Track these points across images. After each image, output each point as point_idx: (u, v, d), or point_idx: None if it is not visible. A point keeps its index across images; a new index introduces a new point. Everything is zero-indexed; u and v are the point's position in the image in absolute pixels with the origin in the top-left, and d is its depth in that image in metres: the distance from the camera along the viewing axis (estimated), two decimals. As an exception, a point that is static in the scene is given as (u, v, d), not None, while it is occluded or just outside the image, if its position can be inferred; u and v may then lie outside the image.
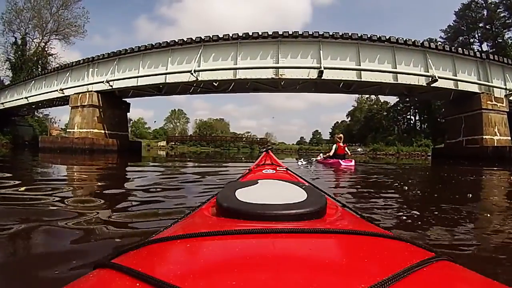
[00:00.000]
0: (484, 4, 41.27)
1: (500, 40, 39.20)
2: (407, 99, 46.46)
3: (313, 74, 13.70)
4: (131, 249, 0.49)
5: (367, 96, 53.69)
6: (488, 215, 2.23)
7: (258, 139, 61.89)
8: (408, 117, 48.08)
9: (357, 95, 58.97)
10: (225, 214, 0.64)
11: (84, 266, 1.08)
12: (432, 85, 15.16)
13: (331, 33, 14.27)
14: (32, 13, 35.32)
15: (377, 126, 47.36)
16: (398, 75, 14.72)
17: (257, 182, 0.91)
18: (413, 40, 15.33)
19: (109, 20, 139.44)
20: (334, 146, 8.47)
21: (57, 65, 24.74)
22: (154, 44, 16.01)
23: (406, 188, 3.78)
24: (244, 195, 0.71)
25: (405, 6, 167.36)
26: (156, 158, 13.50)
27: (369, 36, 14.69)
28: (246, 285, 0.34)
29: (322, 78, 13.52)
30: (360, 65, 14.11)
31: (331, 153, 8.49)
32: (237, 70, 13.95)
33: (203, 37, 14.80)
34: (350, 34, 14.45)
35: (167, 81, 15.27)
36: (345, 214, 0.78)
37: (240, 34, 14.33)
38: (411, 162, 16.75)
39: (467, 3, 42.03)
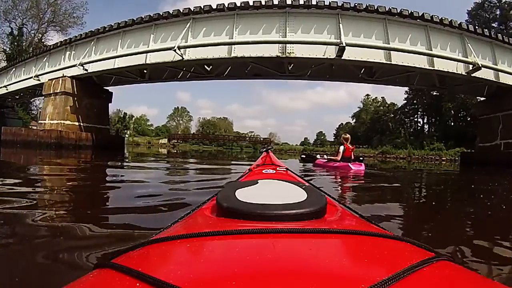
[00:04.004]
0: (497, 4, 38.03)
1: (515, 41, 35.53)
2: (415, 101, 43.05)
3: (331, 53, 10.02)
4: (131, 249, 0.46)
5: (374, 97, 50.28)
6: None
7: (262, 139, 58.34)
8: (416, 119, 44.31)
9: (362, 96, 55.57)
10: (225, 214, 0.61)
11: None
12: (473, 74, 11.62)
13: (352, 5, 10.67)
14: (29, 3, 32.41)
15: (383, 128, 43.57)
16: (434, 59, 11.10)
17: (257, 182, 0.85)
18: (449, 20, 11.72)
19: (113, 17, 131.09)
20: (342, 147, 6.79)
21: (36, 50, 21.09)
22: (135, 19, 12.49)
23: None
24: (244, 195, 0.67)
25: (415, 7, 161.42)
26: (148, 155, 11.29)
27: (399, 10, 11.08)
28: (246, 285, 0.33)
29: (342, 58, 9.86)
30: (389, 44, 10.50)
31: (338, 157, 6.79)
32: (233, 46, 10.28)
33: (192, 8, 11.28)
34: (376, 7, 10.84)
35: (148, 61, 11.69)
36: (345, 214, 0.75)
37: (238, 4, 10.76)
38: (428, 167, 13.50)
39: (480, 2, 38.66)
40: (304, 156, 10.63)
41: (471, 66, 11.27)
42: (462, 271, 0.42)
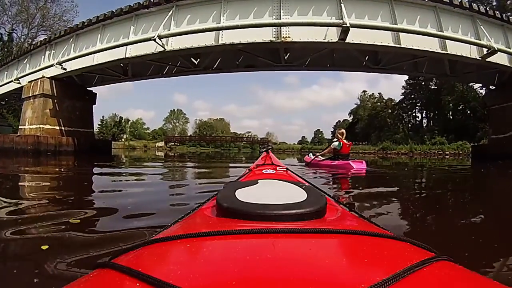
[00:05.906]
0: (494, -6, 36.92)
1: (512, 32, 34.25)
2: (413, 96, 41.77)
3: (332, 36, 8.56)
4: (131, 249, 0.46)
5: (370, 93, 48.98)
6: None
7: (259, 138, 56.93)
8: (414, 114, 42.98)
9: (359, 93, 54.21)
10: (225, 214, 0.59)
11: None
12: (487, 59, 10.28)
13: (354, -17, 9.25)
14: (18, 8, 31.02)
15: (382, 124, 42.20)
16: (447, 42, 9.72)
17: (257, 182, 0.83)
18: (459, 0, 10.42)
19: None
20: (337, 143, 6.15)
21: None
22: (115, 11, 11.06)
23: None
24: (244, 195, 0.66)
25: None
26: (145, 160, 10.46)
27: (405, -10, 9.70)
28: (246, 285, 0.33)
29: (346, 41, 8.43)
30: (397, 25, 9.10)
31: (324, 152, 6.55)
32: (221, 32, 8.81)
33: (175, -5, 9.84)
34: (380, -14, 9.43)
35: (128, 55, 10.21)
36: (345, 214, 0.72)
37: (226, -13, 9.31)
38: (433, 163, 12.24)
39: (475, -7, 37.50)
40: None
41: (485, 49, 9.93)
42: (462, 271, 0.41)
